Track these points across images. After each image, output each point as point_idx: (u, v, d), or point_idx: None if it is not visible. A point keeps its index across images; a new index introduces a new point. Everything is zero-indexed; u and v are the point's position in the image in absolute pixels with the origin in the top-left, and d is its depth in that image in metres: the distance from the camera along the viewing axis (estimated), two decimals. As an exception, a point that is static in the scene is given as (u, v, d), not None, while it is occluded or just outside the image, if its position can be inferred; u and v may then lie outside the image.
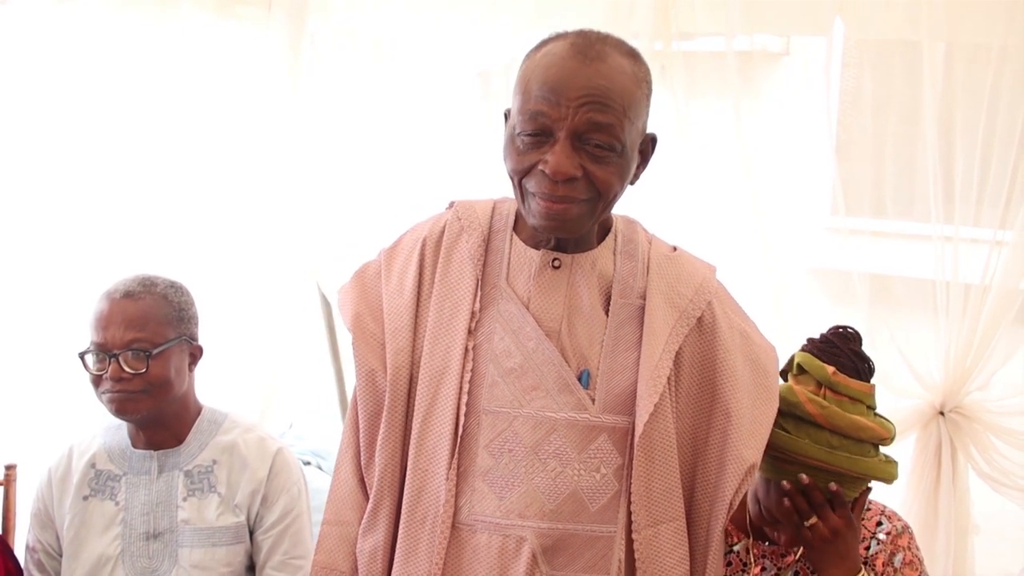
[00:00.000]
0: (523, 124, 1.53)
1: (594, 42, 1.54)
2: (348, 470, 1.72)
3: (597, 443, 1.62)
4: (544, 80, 1.51)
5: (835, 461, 1.82)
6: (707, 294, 1.69)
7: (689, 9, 2.81)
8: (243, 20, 3.16)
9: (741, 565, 2.03)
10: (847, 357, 1.89)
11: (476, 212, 1.70)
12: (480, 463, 1.62)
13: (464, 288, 1.66)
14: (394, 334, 1.66)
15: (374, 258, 1.76)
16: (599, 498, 1.62)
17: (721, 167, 2.87)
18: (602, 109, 1.50)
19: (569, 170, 1.50)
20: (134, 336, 2.10)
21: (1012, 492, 2.65)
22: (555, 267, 1.64)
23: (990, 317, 2.61)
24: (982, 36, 2.64)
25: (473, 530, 1.61)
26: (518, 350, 1.62)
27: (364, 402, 1.68)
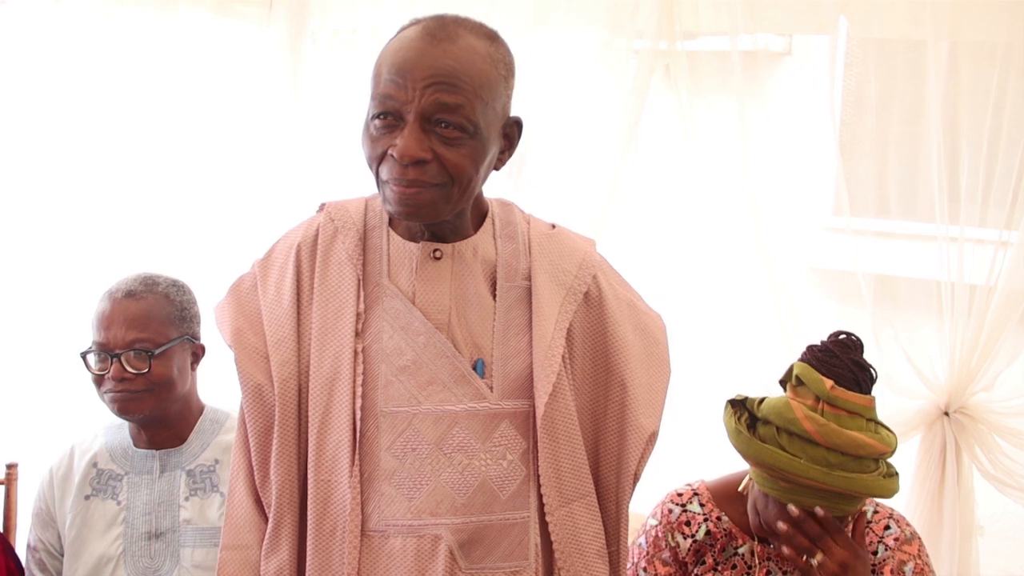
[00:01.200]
0: (374, 108, 1.50)
1: (447, 24, 1.51)
2: (242, 491, 1.65)
3: (500, 430, 1.60)
4: (392, 63, 1.49)
5: (832, 482, 1.79)
6: (591, 268, 1.68)
7: (692, 9, 2.81)
8: (244, 19, 3.16)
9: (746, 568, 2.02)
10: (847, 368, 1.85)
11: (349, 211, 1.66)
12: (384, 466, 1.58)
13: (346, 290, 1.62)
14: (277, 345, 1.61)
15: (248, 271, 1.70)
16: (509, 485, 1.60)
17: (725, 166, 2.86)
18: (449, 90, 1.46)
19: (417, 152, 1.46)
20: (136, 336, 2.10)
21: (1017, 493, 2.64)
22: (436, 258, 1.61)
23: (995, 318, 2.60)
24: (986, 34, 2.63)
25: (385, 535, 1.58)
26: (409, 347, 1.59)
27: (253, 419, 1.62)
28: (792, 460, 1.80)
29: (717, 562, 2.03)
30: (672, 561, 2.06)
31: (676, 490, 2.10)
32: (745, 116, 2.80)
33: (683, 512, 2.06)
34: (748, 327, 2.87)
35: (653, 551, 2.08)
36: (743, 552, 2.03)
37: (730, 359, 2.95)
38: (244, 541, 1.65)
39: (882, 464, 1.87)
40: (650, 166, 3.10)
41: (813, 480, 1.80)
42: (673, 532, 2.05)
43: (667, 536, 2.06)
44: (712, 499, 2.06)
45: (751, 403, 1.91)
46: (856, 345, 1.89)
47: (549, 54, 2.98)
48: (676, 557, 2.06)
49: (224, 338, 1.66)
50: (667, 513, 2.08)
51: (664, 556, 2.06)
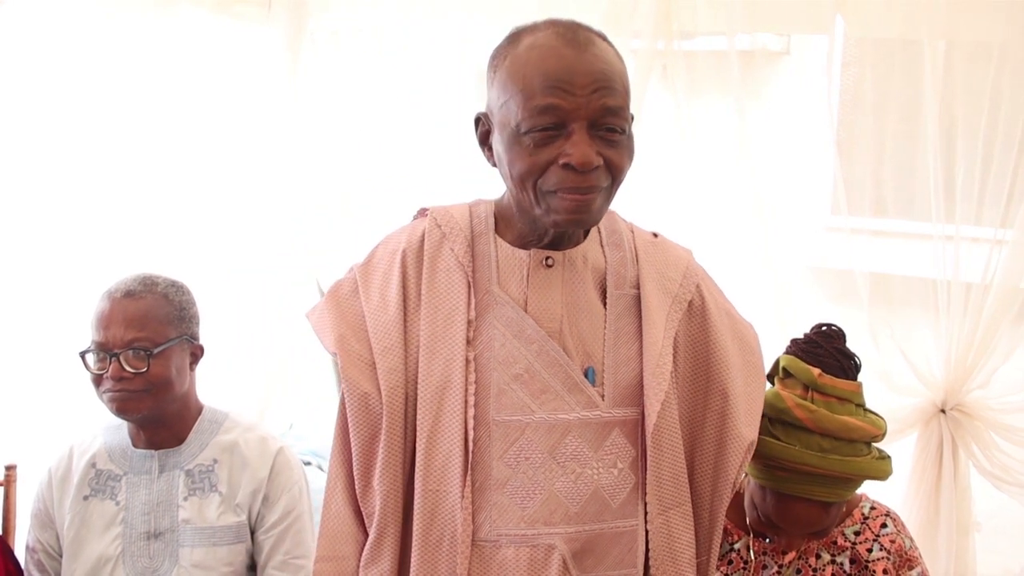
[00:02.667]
0: (533, 121, 1.47)
1: (576, 29, 1.52)
2: (341, 501, 1.63)
3: (611, 438, 1.60)
4: (546, 72, 1.47)
5: (827, 465, 1.81)
6: (694, 277, 1.69)
7: (690, 8, 2.81)
8: (243, 18, 3.16)
9: (742, 563, 2.03)
10: (832, 356, 1.88)
11: (455, 217, 1.64)
12: (496, 475, 1.57)
13: (456, 296, 1.60)
14: (384, 353, 1.58)
15: (345, 275, 1.68)
16: (619, 493, 1.60)
17: (722, 166, 2.87)
18: (611, 93, 1.48)
19: (594, 159, 1.47)
20: (135, 335, 2.10)
21: (1013, 489, 2.65)
22: (548, 266, 1.60)
23: (991, 316, 2.62)
24: (982, 34, 2.64)
25: (497, 545, 1.57)
26: (522, 355, 1.58)
27: (358, 427, 1.59)
28: (786, 448, 1.82)
29: (714, 559, 2.04)
30: (669, 558, 2.07)
31: None
32: (743, 116, 2.80)
33: None
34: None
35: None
36: (739, 548, 2.03)
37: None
38: (341, 552, 1.63)
39: (874, 448, 1.90)
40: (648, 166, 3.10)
41: (808, 465, 1.81)
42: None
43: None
44: None
45: None
46: (838, 335, 1.92)
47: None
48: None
49: (325, 345, 1.63)
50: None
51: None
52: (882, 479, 1.89)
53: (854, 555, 2.02)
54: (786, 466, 1.83)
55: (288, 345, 3.13)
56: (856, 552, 2.02)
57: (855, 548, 2.02)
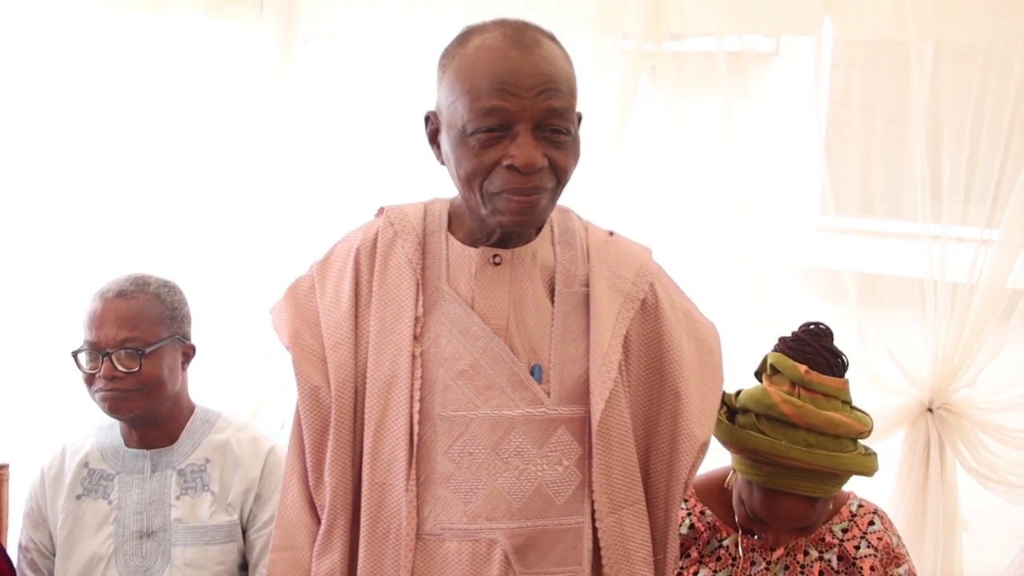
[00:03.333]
0: (478, 122, 1.49)
1: (524, 29, 1.53)
2: (296, 492, 1.66)
3: (556, 436, 1.60)
4: (492, 74, 1.48)
5: (813, 460, 1.83)
6: (648, 276, 1.69)
7: (679, 10, 2.83)
8: (234, 19, 3.16)
9: (731, 559, 2.04)
10: (819, 354, 1.90)
11: (408, 216, 1.67)
12: (440, 470, 1.59)
13: (404, 293, 1.62)
14: (335, 347, 1.62)
15: (306, 272, 1.71)
16: (564, 491, 1.61)
17: (711, 166, 2.88)
18: (556, 95, 1.49)
19: (539, 160, 1.48)
20: (127, 335, 2.11)
21: (999, 487, 2.67)
22: (496, 263, 1.61)
23: (977, 315, 2.64)
24: (969, 35, 2.66)
25: (440, 539, 1.58)
26: (467, 351, 1.60)
27: (309, 420, 1.62)
28: (773, 443, 1.84)
29: (702, 555, 2.05)
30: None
31: None
32: (732, 116, 2.82)
33: None
34: (736, 326, 2.89)
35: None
36: (727, 544, 2.05)
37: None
38: (295, 543, 1.65)
39: (859, 445, 1.92)
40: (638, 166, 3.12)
41: (794, 460, 1.83)
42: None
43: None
44: (695, 494, 2.09)
45: (728, 397, 1.95)
46: (826, 333, 1.94)
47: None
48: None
49: (281, 340, 1.66)
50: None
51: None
52: (868, 475, 1.91)
53: (842, 552, 2.03)
54: (772, 461, 1.85)
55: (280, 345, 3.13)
56: (844, 549, 2.03)
57: (843, 545, 2.04)
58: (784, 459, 1.84)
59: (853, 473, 1.89)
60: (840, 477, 1.89)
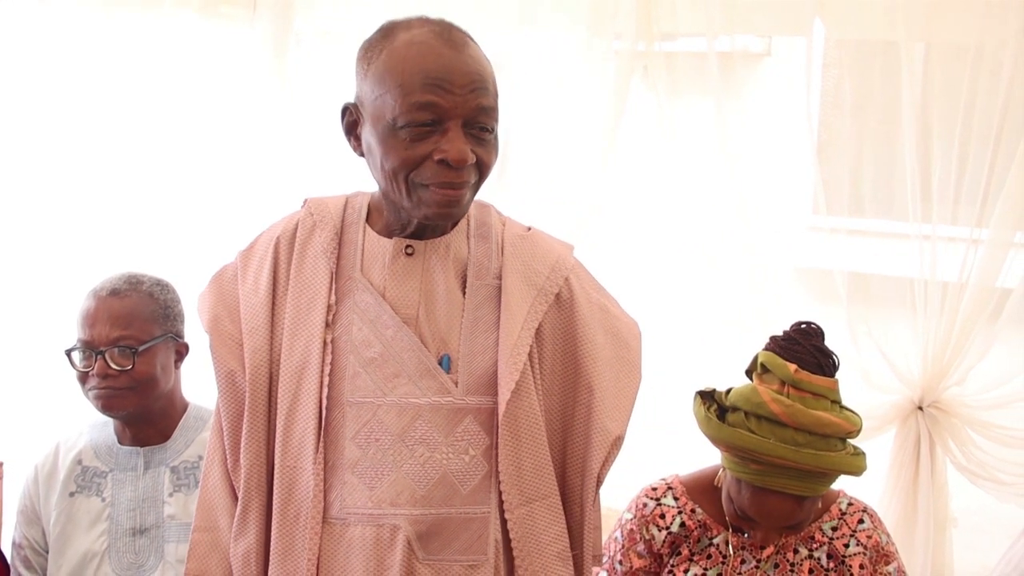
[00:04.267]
0: (410, 116, 1.51)
1: (451, 28, 1.57)
2: (216, 475, 1.70)
3: (463, 425, 1.62)
4: (425, 70, 1.51)
5: (801, 459, 1.84)
6: (563, 271, 1.71)
7: (671, 10, 2.84)
8: (228, 19, 3.17)
9: (721, 557, 2.05)
10: (809, 353, 1.91)
11: (328, 207, 1.71)
12: (348, 455, 1.61)
13: (319, 282, 1.66)
14: (251, 333, 1.65)
15: (231, 261, 1.75)
16: (470, 480, 1.63)
17: (703, 166, 2.89)
18: (485, 94, 1.54)
19: (468, 156, 1.52)
20: (120, 333, 2.12)
21: (989, 484, 2.69)
22: (408, 254, 1.65)
23: (967, 314, 2.65)
24: (959, 36, 2.67)
25: (346, 524, 1.61)
26: (377, 339, 1.62)
27: (226, 404, 1.66)
28: (761, 441, 1.85)
29: (692, 553, 2.06)
30: (647, 553, 2.10)
31: (651, 485, 2.14)
32: (723, 116, 2.83)
33: (657, 506, 2.10)
34: (728, 325, 2.91)
35: (628, 544, 2.11)
36: (718, 542, 2.06)
37: (710, 357, 2.98)
38: (215, 523, 1.69)
39: (848, 444, 1.92)
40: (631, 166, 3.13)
41: (782, 459, 1.84)
42: (647, 525, 2.09)
43: (641, 529, 2.10)
44: (686, 492, 2.10)
45: (719, 395, 1.96)
46: (817, 332, 1.95)
47: (532, 54, 3.00)
48: (651, 549, 2.09)
49: (202, 324, 1.70)
50: (641, 507, 2.11)
51: (639, 549, 2.10)
52: (856, 475, 1.92)
53: (831, 550, 2.04)
54: (760, 459, 1.86)
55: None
56: (833, 547, 2.04)
57: (832, 543, 2.05)
58: (772, 458, 1.85)
59: (841, 473, 1.90)
60: (828, 476, 1.90)
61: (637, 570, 2.11)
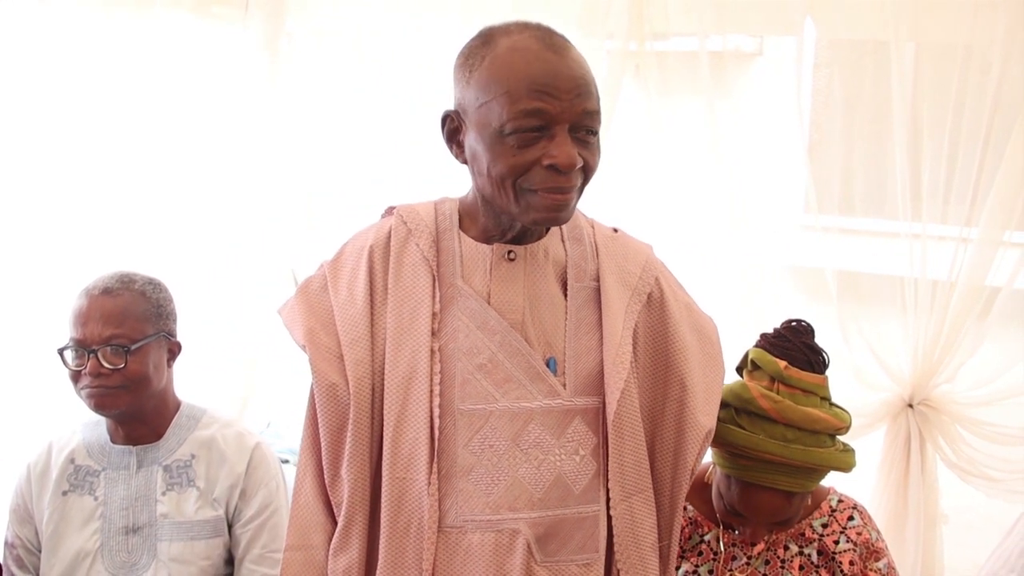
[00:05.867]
0: (518, 122, 1.51)
1: (552, 33, 1.58)
2: (310, 491, 1.69)
3: (573, 426, 1.64)
4: (531, 76, 1.52)
5: (790, 455, 1.86)
6: (653, 271, 1.74)
7: (662, 10, 2.84)
8: (220, 20, 3.17)
9: (712, 554, 2.06)
10: (799, 350, 1.93)
11: (420, 214, 1.70)
12: (461, 463, 1.61)
13: (421, 290, 1.65)
14: (352, 345, 1.64)
15: (316, 272, 1.74)
16: (581, 479, 1.65)
17: (695, 166, 2.90)
18: (590, 98, 1.54)
19: (577, 160, 1.53)
20: (112, 332, 2.12)
21: (979, 481, 2.70)
22: (510, 259, 1.65)
23: (957, 312, 2.66)
24: (949, 36, 2.69)
25: (463, 531, 1.61)
26: (485, 345, 1.63)
27: (326, 417, 1.65)
28: (750, 436, 1.86)
29: (684, 550, 2.07)
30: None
31: None
32: (715, 116, 2.84)
33: None
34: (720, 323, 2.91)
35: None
36: (709, 539, 2.07)
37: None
38: (310, 542, 1.67)
39: (838, 441, 1.94)
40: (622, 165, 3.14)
41: (771, 454, 1.86)
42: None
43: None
44: None
45: None
46: (807, 330, 1.97)
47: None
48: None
49: (296, 339, 1.68)
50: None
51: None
52: (845, 471, 1.94)
53: (821, 547, 2.05)
54: (750, 454, 1.87)
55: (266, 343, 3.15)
56: (823, 544, 2.05)
57: (822, 540, 2.06)
58: (761, 453, 1.86)
59: (830, 469, 1.91)
60: (817, 472, 1.91)
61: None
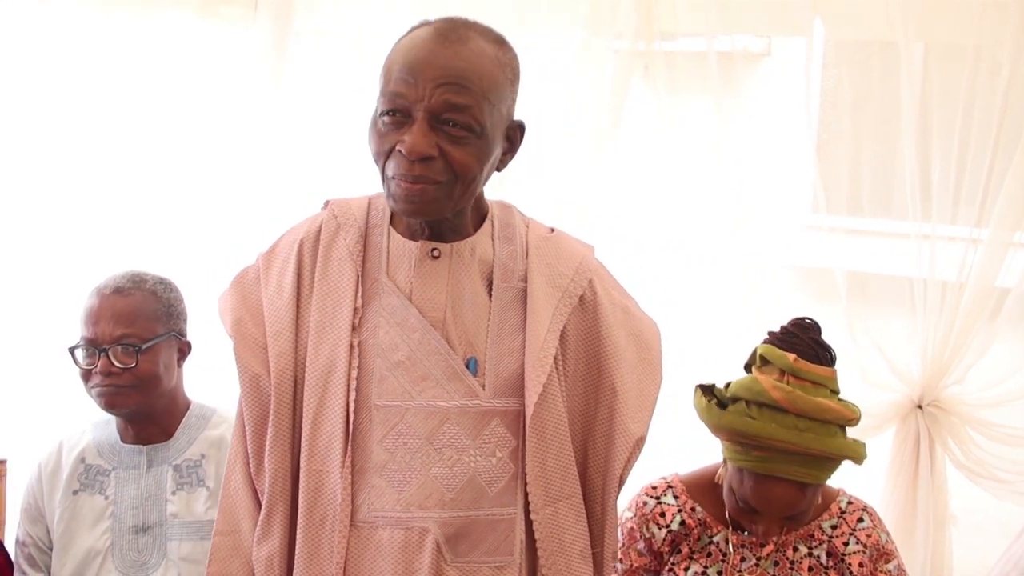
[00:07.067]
0: (383, 105, 1.54)
1: (458, 26, 1.56)
2: (239, 478, 1.69)
3: (490, 428, 1.63)
4: (404, 62, 1.52)
5: (804, 442, 1.86)
6: (587, 272, 1.70)
7: (671, 10, 2.84)
8: (228, 20, 3.17)
9: (721, 555, 2.06)
10: (807, 346, 1.94)
11: (352, 209, 1.70)
12: (375, 459, 1.61)
13: (345, 285, 1.65)
14: (275, 336, 1.64)
15: (252, 263, 1.74)
16: (497, 482, 1.63)
17: (702, 166, 2.90)
18: (459, 91, 1.50)
19: (424, 149, 1.50)
20: (123, 331, 2.12)
21: (988, 482, 2.70)
22: (434, 257, 1.64)
23: (966, 313, 2.65)
24: (958, 36, 2.68)
25: (374, 527, 1.61)
26: (404, 342, 1.62)
27: (249, 407, 1.65)
28: (763, 426, 1.87)
29: (693, 551, 2.07)
30: (647, 551, 2.11)
31: (650, 483, 2.15)
32: (723, 116, 2.84)
33: (657, 504, 2.11)
34: (726, 324, 2.91)
35: (628, 542, 2.12)
36: (718, 540, 2.07)
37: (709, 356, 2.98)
38: (237, 527, 1.69)
39: (847, 434, 1.95)
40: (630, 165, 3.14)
41: (784, 442, 1.86)
42: (648, 523, 2.10)
43: (641, 528, 2.10)
44: (686, 491, 2.11)
45: (719, 391, 1.98)
46: (814, 327, 1.99)
47: (531, 54, 3.00)
48: (651, 547, 2.10)
49: (225, 327, 1.69)
50: (641, 506, 2.12)
51: (639, 547, 2.11)
52: (857, 462, 1.94)
53: (831, 548, 2.05)
54: (763, 444, 1.88)
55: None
56: (833, 545, 2.05)
57: (832, 541, 2.06)
58: (775, 441, 1.87)
59: (843, 457, 1.92)
60: (830, 463, 1.91)
61: (637, 568, 2.12)
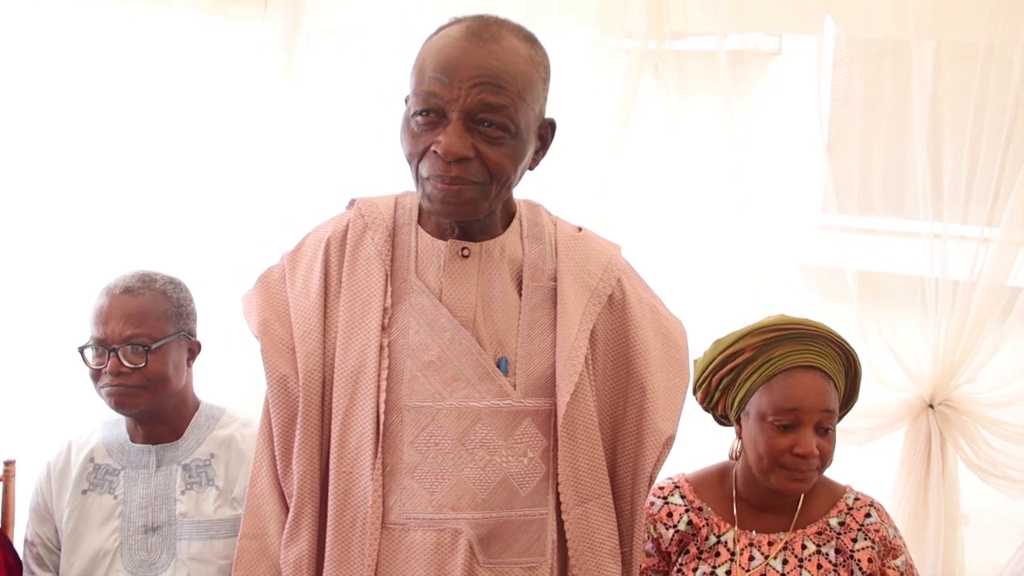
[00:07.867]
0: (416, 105, 1.52)
1: (490, 25, 1.54)
2: (265, 481, 1.68)
3: (522, 428, 1.62)
4: (437, 61, 1.50)
5: (813, 323, 1.99)
6: (616, 271, 1.70)
7: (681, 9, 2.84)
8: (238, 19, 3.18)
9: (729, 555, 2.06)
10: None
11: (379, 208, 1.68)
12: (407, 460, 1.60)
13: (373, 284, 1.64)
14: (303, 337, 1.62)
15: (276, 263, 1.73)
16: (529, 482, 1.62)
17: (713, 165, 2.90)
18: (495, 91, 1.49)
19: (461, 150, 1.48)
20: (133, 331, 2.13)
21: (1000, 482, 2.69)
22: (464, 256, 1.63)
23: (978, 313, 2.65)
24: (969, 34, 2.67)
25: (406, 528, 1.60)
26: (434, 342, 1.61)
27: (277, 409, 1.64)
28: (774, 319, 1.99)
29: (701, 551, 2.07)
30: (655, 552, 2.10)
31: (658, 484, 2.15)
32: (733, 115, 2.83)
33: (664, 505, 2.10)
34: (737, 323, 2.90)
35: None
36: (726, 539, 2.07)
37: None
38: (264, 530, 1.68)
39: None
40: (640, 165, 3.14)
41: (798, 324, 1.98)
42: (655, 524, 2.10)
43: (649, 528, 2.10)
44: (693, 491, 2.11)
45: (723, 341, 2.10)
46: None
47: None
48: (659, 548, 2.10)
49: (251, 329, 1.67)
50: (648, 506, 2.11)
51: (647, 547, 2.11)
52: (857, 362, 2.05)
53: (839, 545, 2.05)
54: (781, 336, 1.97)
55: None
56: (841, 542, 2.05)
57: (840, 538, 2.05)
58: (790, 327, 1.97)
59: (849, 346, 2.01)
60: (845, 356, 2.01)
61: (645, 569, 2.11)
